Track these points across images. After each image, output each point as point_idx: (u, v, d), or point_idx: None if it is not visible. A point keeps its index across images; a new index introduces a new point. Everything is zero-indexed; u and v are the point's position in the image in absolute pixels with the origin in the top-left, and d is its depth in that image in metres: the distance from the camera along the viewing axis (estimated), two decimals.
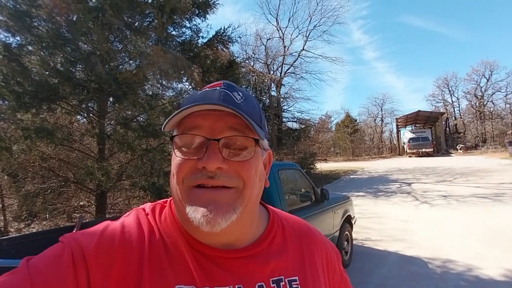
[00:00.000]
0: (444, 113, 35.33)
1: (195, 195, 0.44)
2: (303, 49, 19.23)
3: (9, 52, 3.84)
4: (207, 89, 0.49)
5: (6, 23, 3.87)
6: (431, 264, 3.77)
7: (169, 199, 0.54)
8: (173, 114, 0.45)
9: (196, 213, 0.43)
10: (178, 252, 0.46)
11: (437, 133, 32.87)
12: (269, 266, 0.49)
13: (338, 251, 0.65)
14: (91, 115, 5.19)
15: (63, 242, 0.43)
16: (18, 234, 4.38)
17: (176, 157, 0.45)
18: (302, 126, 19.07)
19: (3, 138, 4.02)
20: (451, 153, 27.86)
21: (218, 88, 0.48)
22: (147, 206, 0.53)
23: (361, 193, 9.49)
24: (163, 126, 0.47)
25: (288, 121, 19.44)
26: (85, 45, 4.69)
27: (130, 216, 0.50)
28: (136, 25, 5.12)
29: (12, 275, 0.38)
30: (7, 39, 4.24)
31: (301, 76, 19.45)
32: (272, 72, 18.69)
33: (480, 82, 36.08)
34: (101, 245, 0.43)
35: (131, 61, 5.25)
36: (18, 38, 4.33)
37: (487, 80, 35.45)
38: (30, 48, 4.13)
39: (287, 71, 19.10)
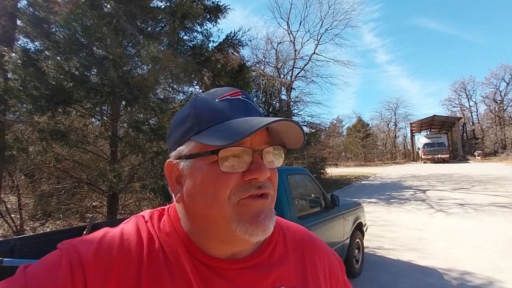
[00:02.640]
0: (461, 118, 34.29)
1: (246, 206, 0.43)
2: (314, 52, 19.15)
3: (27, 57, 3.99)
4: (228, 97, 0.47)
5: (25, 29, 4.03)
6: (447, 275, 3.62)
7: (166, 207, 0.53)
8: (229, 144, 0.40)
9: (251, 225, 0.42)
10: (178, 261, 0.45)
11: (453, 139, 31.96)
12: (271, 277, 0.48)
13: (341, 261, 0.63)
14: (104, 118, 5.32)
15: (61, 250, 0.42)
16: (32, 234, 4.51)
17: (224, 173, 0.42)
18: (313, 130, 18.87)
19: (20, 139, 4.17)
20: (469, 160, 27.00)
21: (240, 97, 0.48)
22: (146, 213, 0.52)
23: (373, 200, 9.28)
24: (219, 146, 0.42)
25: None
26: (99, 50, 4.83)
27: (129, 223, 0.49)
28: (148, 30, 5.23)
29: (8, 283, 0.38)
30: (26, 44, 4.43)
31: (312, 80, 19.34)
32: (282, 76, 18.69)
33: (499, 86, 34.96)
34: (100, 253, 0.42)
35: (143, 66, 5.35)
36: (36, 43, 4.51)
37: (507, 84, 34.32)
38: (47, 53, 4.28)
39: (298, 75, 19.05)
